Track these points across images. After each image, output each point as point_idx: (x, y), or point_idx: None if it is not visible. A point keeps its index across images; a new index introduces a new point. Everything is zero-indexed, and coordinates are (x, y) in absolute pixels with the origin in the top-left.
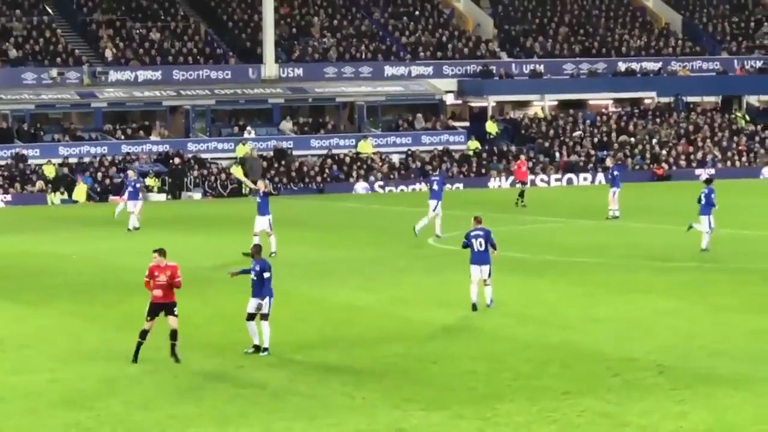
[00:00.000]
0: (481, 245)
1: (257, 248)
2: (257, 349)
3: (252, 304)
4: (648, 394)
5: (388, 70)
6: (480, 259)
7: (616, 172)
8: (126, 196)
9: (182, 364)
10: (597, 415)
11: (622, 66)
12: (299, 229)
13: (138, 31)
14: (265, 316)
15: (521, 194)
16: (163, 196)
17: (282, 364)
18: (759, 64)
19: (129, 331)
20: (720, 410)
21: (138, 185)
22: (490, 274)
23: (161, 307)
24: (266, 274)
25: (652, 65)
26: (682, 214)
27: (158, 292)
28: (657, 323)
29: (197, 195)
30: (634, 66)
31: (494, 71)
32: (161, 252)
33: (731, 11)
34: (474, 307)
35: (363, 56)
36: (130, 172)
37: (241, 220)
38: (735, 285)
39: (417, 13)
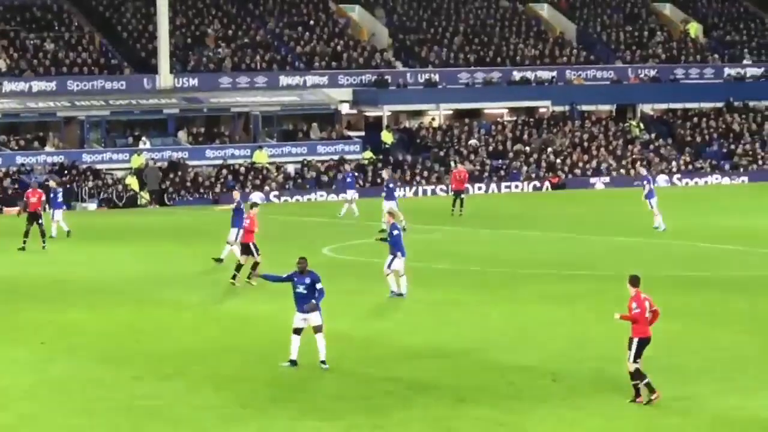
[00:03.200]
0: None
1: (305, 262)
2: (293, 363)
3: (298, 319)
4: (543, 402)
5: (284, 79)
6: None
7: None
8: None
9: (75, 376)
10: (493, 423)
11: (517, 75)
12: (194, 239)
13: (32, 42)
14: (319, 328)
15: (460, 203)
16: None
17: (176, 374)
18: (653, 72)
19: (20, 342)
20: (614, 417)
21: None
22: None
23: None
24: (318, 285)
25: (547, 74)
26: (576, 223)
27: None
28: (550, 331)
29: (92, 206)
30: (529, 75)
31: (389, 81)
32: None
33: (625, 21)
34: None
35: (258, 66)
36: (51, 183)
37: (136, 230)
38: (626, 291)
39: (312, 22)
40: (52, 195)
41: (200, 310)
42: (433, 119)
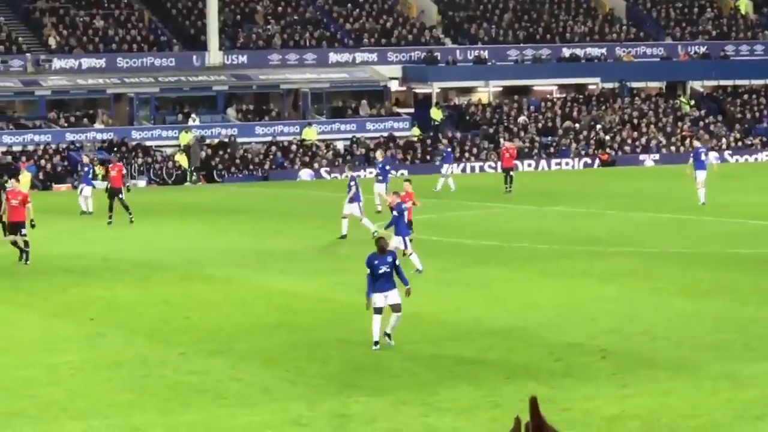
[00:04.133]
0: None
1: (384, 241)
2: (377, 344)
3: (380, 299)
4: (590, 379)
5: (333, 56)
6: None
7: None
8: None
9: (124, 352)
10: (540, 400)
11: (566, 52)
12: (243, 216)
13: (82, 19)
14: (398, 307)
15: (509, 180)
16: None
17: (224, 351)
18: (702, 49)
19: (70, 318)
20: (661, 394)
21: (90, 171)
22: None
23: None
24: (397, 261)
25: (597, 51)
26: (624, 200)
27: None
28: (599, 308)
29: (142, 183)
30: (579, 52)
31: (439, 57)
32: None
33: None
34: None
35: (307, 43)
36: (85, 158)
37: (185, 208)
38: (676, 269)
39: None
40: (84, 171)
41: (248, 286)
42: (483, 96)
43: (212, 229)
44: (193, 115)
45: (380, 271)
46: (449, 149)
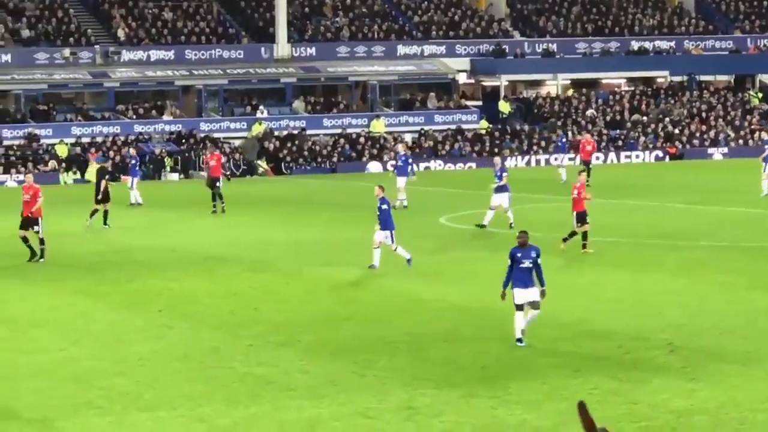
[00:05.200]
0: None
1: (525, 235)
2: (520, 341)
3: (521, 295)
4: (658, 373)
5: (401, 49)
6: None
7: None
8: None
9: (192, 343)
10: (608, 393)
11: (635, 45)
12: (311, 208)
13: (150, 11)
14: (537, 305)
15: (588, 173)
16: (176, 176)
17: (292, 342)
18: None
19: (139, 310)
20: (730, 388)
21: (137, 162)
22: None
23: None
24: (539, 260)
25: (665, 44)
26: (693, 193)
27: None
28: (667, 302)
29: None
30: (647, 45)
31: (507, 50)
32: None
33: None
34: None
35: (376, 35)
36: (132, 151)
37: (252, 200)
38: (745, 263)
39: None
40: (131, 163)
41: (316, 278)
42: (552, 89)
43: (280, 221)
44: (261, 108)
45: (522, 265)
46: (564, 139)
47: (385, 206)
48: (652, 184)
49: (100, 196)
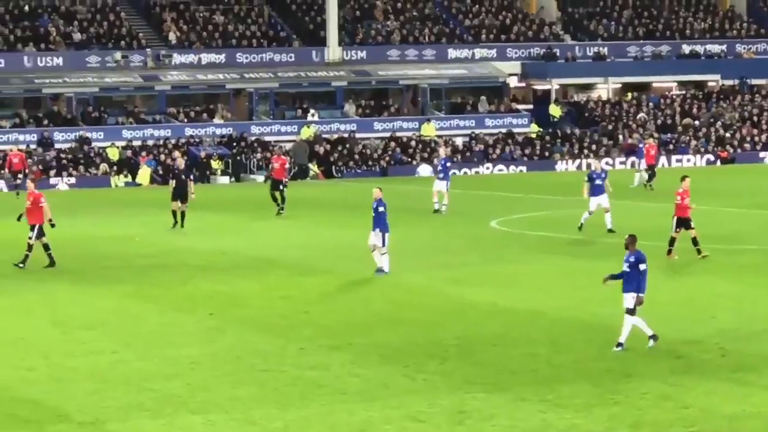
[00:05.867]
0: None
1: (629, 238)
2: (654, 338)
3: (627, 299)
4: (710, 377)
5: (452, 52)
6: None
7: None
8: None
9: (243, 346)
10: (659, 398)
11: (686, 48)
12: (361, 211)
13: (202, 14)
14: (632, 311)
15: (650, 177)
16: (226, 179)
17: (343, 346)
18: None
19: (190, 313)
20: None
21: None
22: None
23: None
24: (642, 266)
25: (717, 47)
26: (745, 197)
27: None
28: (719, 306)
29: (260, 178)
30: (699, 48)
31: (558, 54)
32: None
33: None
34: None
35: (426, 39)
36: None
37: (303, 203)
38: None
39: None
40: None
41: (367, 281)
42: (602, 92)
43: (331, 225)
44: (312, 111)
45: (624, 269)
46: (642, 144)
47: (381, 208)
48: (703, 188)
49: (192, 195)
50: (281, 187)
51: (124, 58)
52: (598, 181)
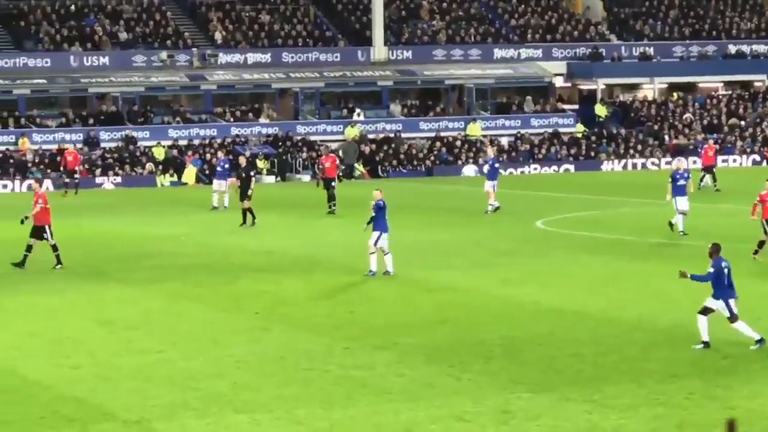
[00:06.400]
0: None
1: (712, 247)
2: (706, 345)
3: (712, 303)
4: (757, 378)
5: (497, 52)
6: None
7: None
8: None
9: (288, 346)
10: (704, 398)
11: (732, 49)
12: (407, 212)
13: (247, 14)
14: (735, 318)
15: (714, 178)
16: (272, 178)
17: (388, 345)
18: None
19: (235, 312)
20: None
21: (227, 165)
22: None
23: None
24: (710, 269)
25: (763, 48)
26: None
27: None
28: (765, 306)
29: (306, 177)
30: (745, 48)
31: (604, 54)
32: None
33: None
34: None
35: (472, 39)
36: (220, 153)
37: (349, 203)
38: None
39: None
40: (217, 166)
41: (412, 281)
42: (648, 93)
43: None
44: (357, 110)
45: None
46: (701, 145)
47: (381, 209)
48: (749, 189)
49: (251, 192)
50: (332, 185)
51: (170, 58)
52: (681, 182)
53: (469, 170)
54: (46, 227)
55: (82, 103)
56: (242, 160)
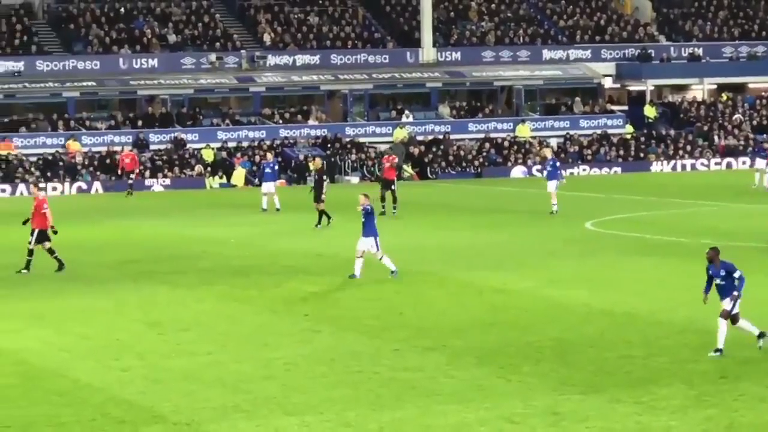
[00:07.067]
0: None
1: (710, 252)
2: (719, 351)
3: (727, 304)
4: None
5: (546, 53)
6: None
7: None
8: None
9: (338, 348)
10: (755, 399)
11: None
12: (456, 213)
13: (296, 16)
14: (735, 318)
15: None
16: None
17: (437, 347)
18: None
19: (285, 314)
20: None
21: (276, 167)
22: None
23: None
24: (736, 274)
25: None
26: None
27: None
28: None
29: (355, 179)
30: None
31: (652, 55)
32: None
33: None
34: None
35: (521, 40)
36: (268, 155)
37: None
38: None
39: None
40: (265, 168)
41: (462, 283)
42: (697, 93)
43: (425, 226)
44: (406, 112)
45: (716, 282)
46: (766, 144)
47: (369, 214)
48: None
49: (323, 196)
50: (393, 187)
51: (219, 60)
52: None
53: (518, 171)
54: (38, 231)
55: (131, 105)
56: (318, 162)
